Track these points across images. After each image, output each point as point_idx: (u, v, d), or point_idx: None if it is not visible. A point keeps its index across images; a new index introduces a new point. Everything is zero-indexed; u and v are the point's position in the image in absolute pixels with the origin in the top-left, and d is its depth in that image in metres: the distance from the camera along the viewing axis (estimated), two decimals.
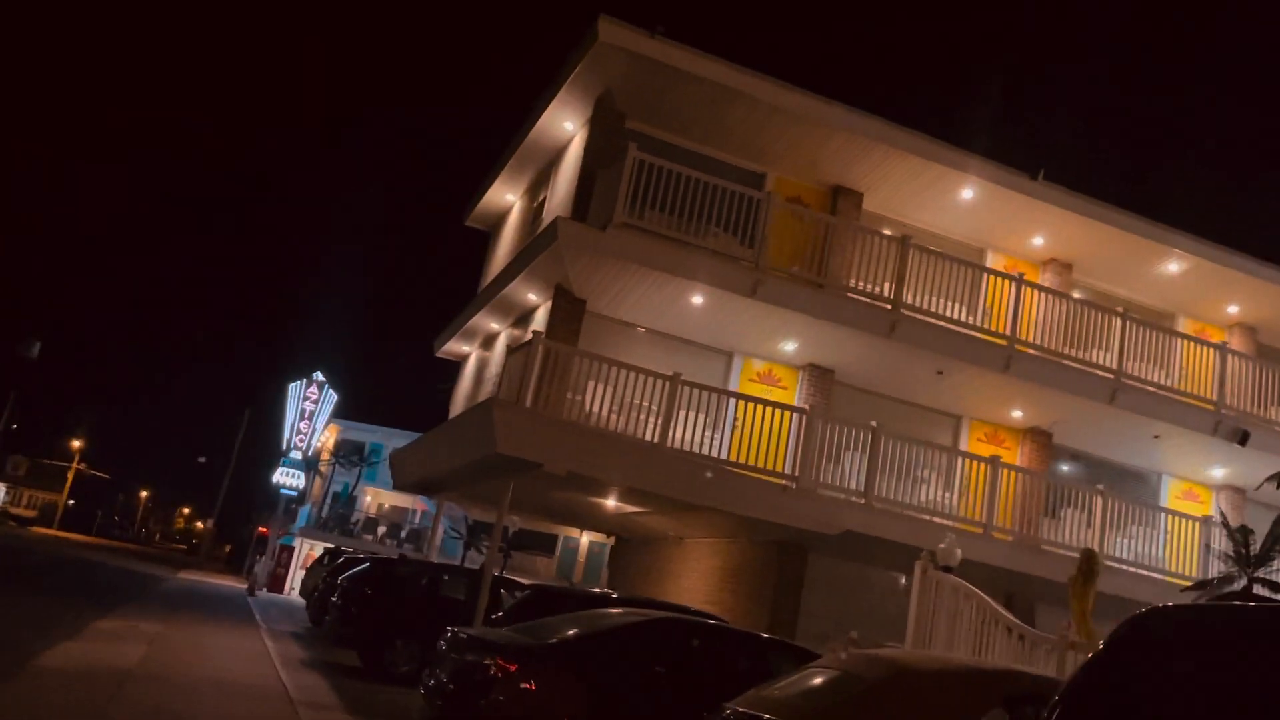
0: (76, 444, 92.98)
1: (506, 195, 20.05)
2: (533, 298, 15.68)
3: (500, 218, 21.03)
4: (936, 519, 14.55)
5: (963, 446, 16.57)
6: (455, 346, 20.75)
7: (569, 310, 14.51)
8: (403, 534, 42.42)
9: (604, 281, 14.21)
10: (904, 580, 13.71)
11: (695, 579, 17.55)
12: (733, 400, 14.52)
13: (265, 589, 36.31)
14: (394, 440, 50.17)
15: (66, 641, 12.60)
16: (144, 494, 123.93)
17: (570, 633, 7.18)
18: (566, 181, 16.16)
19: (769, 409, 13.95)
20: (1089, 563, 11.62)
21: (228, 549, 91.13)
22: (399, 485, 20.66)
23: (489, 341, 19.37)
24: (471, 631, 7.69)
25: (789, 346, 15.37)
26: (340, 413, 45.56)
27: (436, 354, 21.54)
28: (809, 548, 14.70)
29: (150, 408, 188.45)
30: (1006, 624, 10.74)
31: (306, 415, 41.32)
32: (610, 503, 16.27)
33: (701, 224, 14.07)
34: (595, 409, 13.53)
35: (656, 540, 19.26)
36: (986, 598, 11.16)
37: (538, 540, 49.39)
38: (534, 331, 13.52)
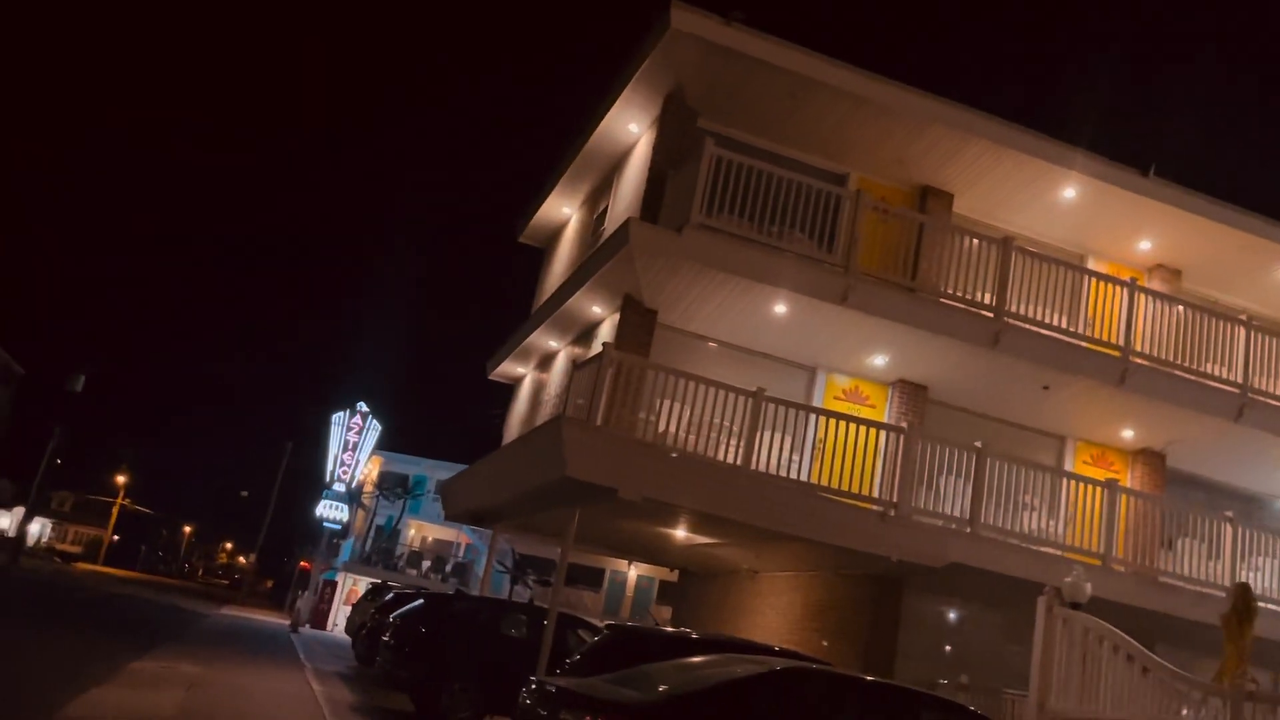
0: (121, 479, 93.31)
1: (563, 208, 19.00)
2: (597, 310, 14.53)
3: (556, 232, 19.98)
4: (1045, 549, 13.11)
5: (1068, 469, 15.08)
6: (509, 368, 19.65)
7: (639, 322, 13.33)
8: (447, 568, 41.31)
9: (677, 290, 13.03)
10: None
11: (772, 616, 16.15)
12: (813, 419, 13.24)
13: (308, 625, 35.29)
14: (438, 472, 49.21)
15: (98, 687, 11.51)
16: (187, 529, 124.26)
17: (684, 686, 5.92)
18: (632, 187, 15.06)
19: (859, 428, 12.63)
20: (1244, 599, 10.15)
21: (269, 584, 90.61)
22: (450, 516, 19.52)
23: (546, 362, 18.24)
24: (561, 683, 6.45)
25: (878, 360, 14.05)
26: (384, 444, 44.77)
27: (489, 376, 20.45)
28: (905, 581, 13.30)
29: (192, 441, 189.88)
30: (1162, 672, 9.27)
31: (350, 446, 40.51)
32: (680, 533, 15.02)
33: (782, 227, 12.88)
34: (669, 429, 12.34)
35: (727, 574, 17.90)
36: (1132, 640, 9.71)
37: (585, 574, 48.11)
38: (604, 343, 12.33)
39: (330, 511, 38.88)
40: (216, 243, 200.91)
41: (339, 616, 39.00)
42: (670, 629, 13.79)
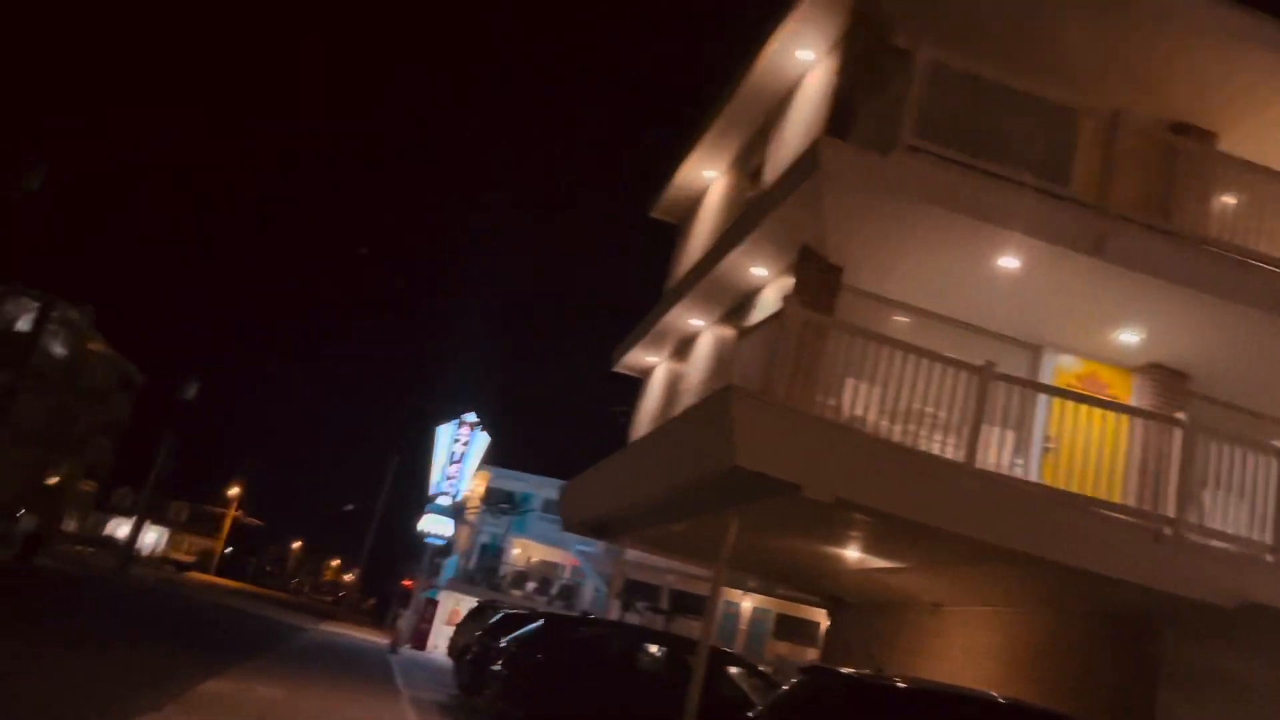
0: (234, 491, 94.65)
1: (704, 171, 16.41)
2: (759, 273, 11.84)
3: (695, 201, 17.38)
4: None
5: None
6: (638, 358, 17.09)
7: (820, 283, 10.55)
8: (553, 590, 38.94)
9: (872, 238, 10.24)
10: None
11: (961, 660, 13.03)
12: (1040, 410, 10.28)
13: (408, 645, 33.33)
14: (545, 490, 47.01)
15: (150, 716, 9.29)
16: (296, 544, 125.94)
17: None
18: (802, 125, 12.36)
19: (1108, 420, 9.59)
20: None
21: (372, 601, 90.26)
22: (568, 526, 16.97)
23: (684, 348, 15.60)
24: None
25: (1128, 336, 10.93)
26: (489, 460, 42.78)
27: (615, 368, 17.94)
28: (1165, 624, 10.10)
29: (301, 456, 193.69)
30: None
31: (456, 458, 38.58)
32: (852, 553, 12.18)
33: (1006, 161, 10.01)
34: (858, 416, 9.58)
35: (898, 607, 14.85)
36: None
37: (694, 603, 45.03)
38: (785, 298, 9.59)
39: (434, 526, 36.92)
40: (322, 245, 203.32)
41: (439, 637, 36.99)
42: (903, 679, 10.86)
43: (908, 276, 10.77)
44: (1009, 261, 10.02)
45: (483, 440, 39.47)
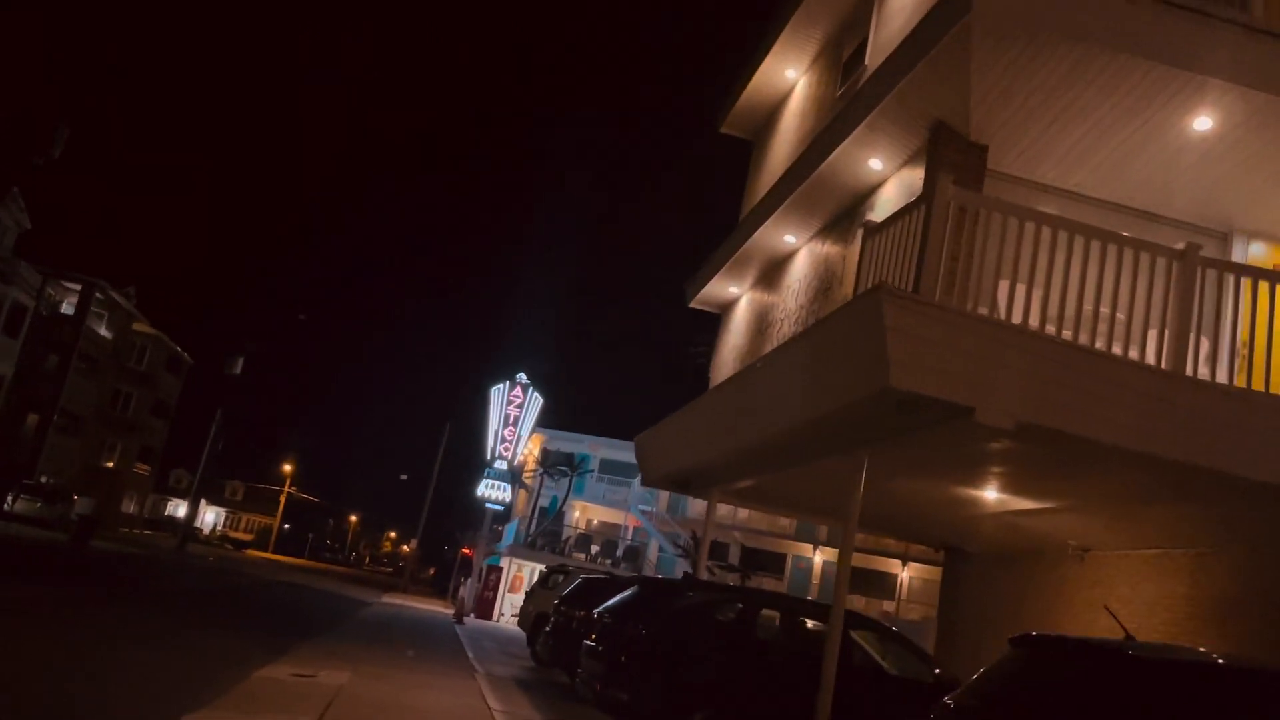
0: (288, 468, 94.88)
1: (785, 70, 14.47)
2: (874, 166, 9.98)
3: (773, 111, 15.46)
4: None
5: None
6: (718, 290, 15.31)
7: (961, 165, 8.67)
8: (619, 552, 37.59)
9: (1027, 108, 8.36)
10: None
11: (1121, 614, 11.26)
12: (1228, 309, 8.37)
13: (473, 614, 32.21)
14: (602, 450, 45.64)
15: (201, 712, 7.86)
16: (353, 518, 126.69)
17: None
18: None
19: None
20: None
21: (432, 571, 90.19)
22: (649, 481, 15.33)
23: (772, 273, 13.79)
24: None
25: None
26: (544, 421, 41.41)
27: (690, 304, 16.18)
28: None
29: (354, 428, 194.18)
30: None
31: (511, 421, 37.22)
32: (991, 495, 10.45)
33: None
34: (1018, 323, 7.77)
35: (1031, 555, 13.07)
36: None
37: (765, 560, 43.45)
38: (940, 175, 7.73)
39: (492, 492, 35.70)
40: (366, 206, 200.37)
41: (505, 605, 35.90)
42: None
43: (1068, 157, 8.88)
44: (1203, 122, 8.08)
45: (536, 401, 38.08)
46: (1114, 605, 11.49)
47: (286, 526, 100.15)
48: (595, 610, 10.12)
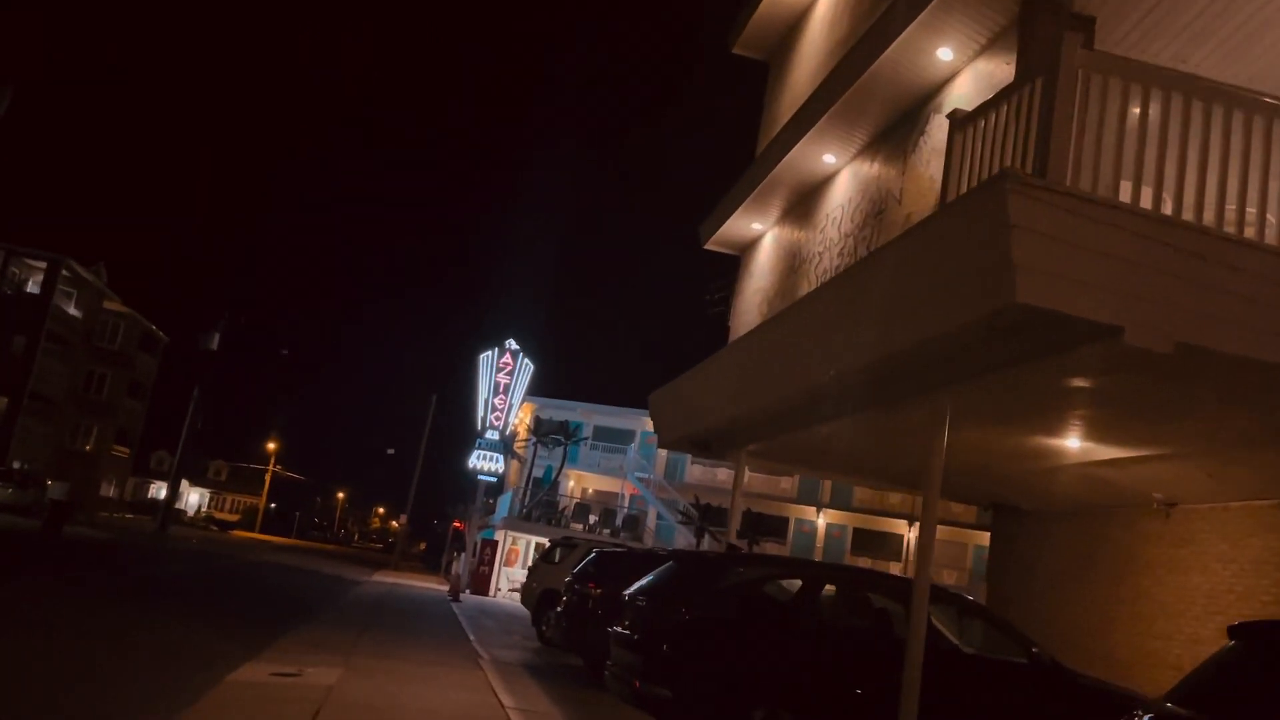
0: (272, 446, 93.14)
1: None
2: (943, 57, 8.43)
3: (795, 22, 13.80)
4: None
5: None
6: (737, 227, 13.74)
7: (1062, 43, 7.11)
8: (617, 521, 36.28)
9: None
10: None
11: (1220, 574, 9.92)
12: None
13: (468, 590, 30.87)
14: (596, 418, 44.13)
15: None
16: (340, 495, 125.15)
17: None
18: None
19: None
20: None
21: (423, 546, 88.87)
22: (665, 444, 13.85)
23: (802, 203, 12.24)
24: None
25: None
26: (534, 389, 39.91)
27: (705, 245, 14.60)
28: None
29: (338, 404, 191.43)
30: None
31: (501, 389, 35.74)
32: (1073, 443, 9.12)
33: None
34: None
35: (1101, 511, 11.71)
36: None
37: (767, 524, 42.17)
38: (1066, 34, 6.17)
39: (484, 463, 34.30)
40: (350, 168, 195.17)
41: (502, 580, 34.57)
42: None
43: (1185, 32, 7.35)
44: None
45: (527, 368, 36.57)
46: (1212, 565, 10.15)
47: (273, 506, 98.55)
48: (625, 592, 8.63)
